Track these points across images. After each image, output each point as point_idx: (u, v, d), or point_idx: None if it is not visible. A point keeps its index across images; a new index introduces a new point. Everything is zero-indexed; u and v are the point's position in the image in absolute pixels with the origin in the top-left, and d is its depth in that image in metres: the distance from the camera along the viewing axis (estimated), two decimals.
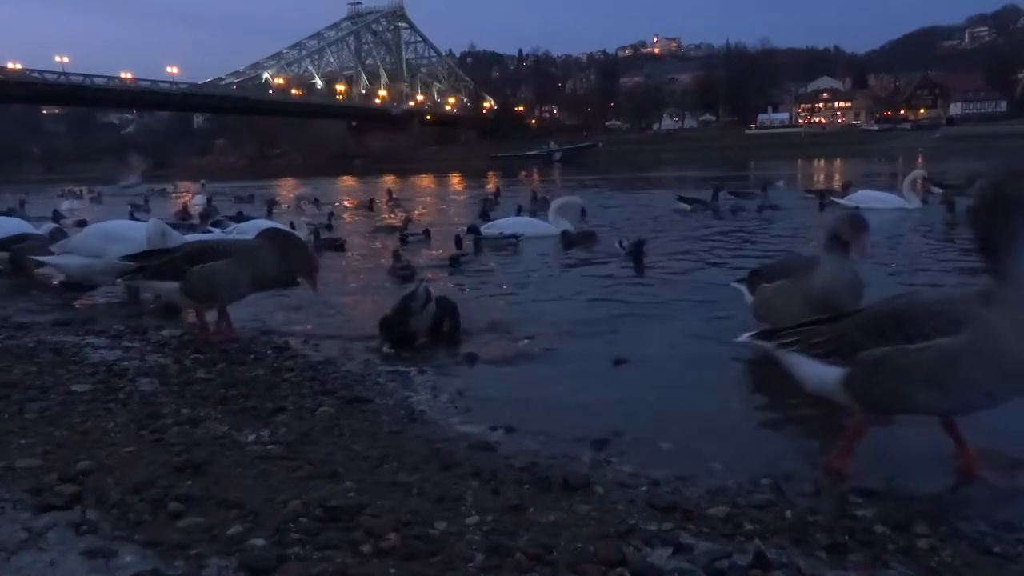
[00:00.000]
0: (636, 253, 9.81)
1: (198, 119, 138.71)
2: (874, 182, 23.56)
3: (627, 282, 8.73)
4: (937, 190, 17.18)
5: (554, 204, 13.76)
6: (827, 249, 4.80)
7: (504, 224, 13.42)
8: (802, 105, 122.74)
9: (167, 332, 6.36)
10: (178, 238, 8.31)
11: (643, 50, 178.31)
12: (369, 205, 21.81)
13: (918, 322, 3.03)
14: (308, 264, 6.07)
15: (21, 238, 9.63)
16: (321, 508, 2.65)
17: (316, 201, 23.42)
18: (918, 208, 15.07)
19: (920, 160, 46.47)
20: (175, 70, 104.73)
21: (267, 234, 6.21)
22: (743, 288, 5.78)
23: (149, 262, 6.28)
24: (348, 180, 47.02)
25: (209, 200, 24.31)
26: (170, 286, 6.04)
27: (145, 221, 8.77)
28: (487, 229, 13.15)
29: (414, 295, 5.93)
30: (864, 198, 15.91)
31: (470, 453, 3.55)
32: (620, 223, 15.13)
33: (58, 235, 9.98)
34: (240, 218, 15.55)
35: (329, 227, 15.59)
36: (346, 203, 25.91)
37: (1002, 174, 2.86)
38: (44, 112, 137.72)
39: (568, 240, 11.97)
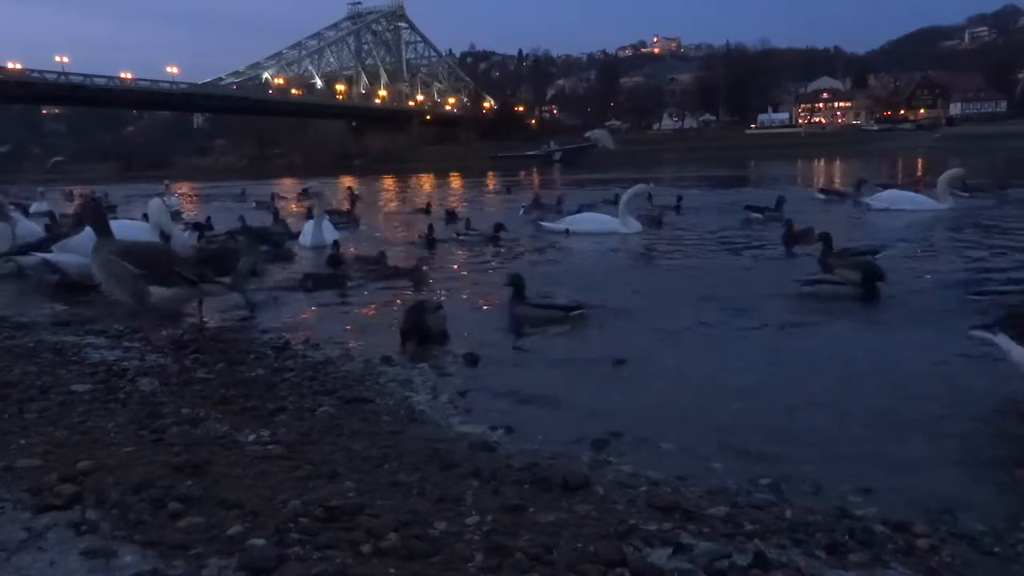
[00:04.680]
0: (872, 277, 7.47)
1: (198, 119, 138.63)
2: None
3: (637, 282, 8.74)
4: None
5: (624, 199, 13.41)
6: None
7: (570, 220, 13.50)
8: (802, 105, 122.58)
9: (167, 332, 6.36)
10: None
11: (643, 50, 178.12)
12: (426, 209, 19.12)
13: None
14: None
15: None
16: (321, 508, 2.65)
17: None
18: (950, 208, 14.75)
19: (920, 161, 46.44)
20: (175, 70, 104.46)
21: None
22: (1003, 339, 4.45)
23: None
24: (348, 180, 46.97)
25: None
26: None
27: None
28: (556, 224, 13.34)
29: (426, 301, 6.38)
30: (895, 198, 15.67)
31: (470, 453, 3.55)
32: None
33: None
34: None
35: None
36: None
37: None
38: (44, 112, 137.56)
39: (313, 281, 8.98)
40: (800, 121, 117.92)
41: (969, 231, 12.35)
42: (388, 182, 47.91)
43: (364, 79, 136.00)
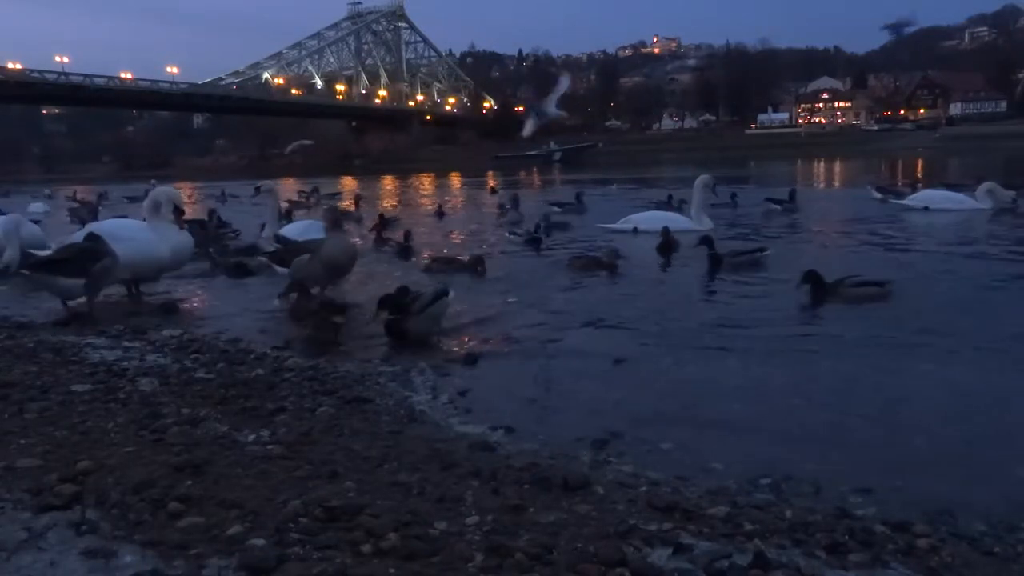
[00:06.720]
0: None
1: (198, 119, 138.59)
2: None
3: (644, 284, 8.72)
4: None
5: (696, 193, 12.70)
6: None
7: (639, 219, 13.08)
8: (802, 105, 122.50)
9: (167, 332, 6.36)
10: None
11: (643, 50, 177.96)
12: (440, 212, 18.68)
13: None
14: None
15: None
16: (321, 508, 2.65)
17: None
18: (990, 208, 14.60)
19: (920, 162, 46.48)
20: (175, 70, 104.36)
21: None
22: None
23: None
24: (349, 180, 46.99)
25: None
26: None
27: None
28: (621, 224, 13.02)
29: (420, 299, 6.03)
30: (934, 197, 15.54)
31: (470, 453, 3.55)
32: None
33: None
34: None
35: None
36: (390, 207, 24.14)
37: None
38: (44, 112, 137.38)
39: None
40: (800, 121, 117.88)
41: (1007, 233, 12.13)
42: (388, 182, 47.90)
43: (364, 79, 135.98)
